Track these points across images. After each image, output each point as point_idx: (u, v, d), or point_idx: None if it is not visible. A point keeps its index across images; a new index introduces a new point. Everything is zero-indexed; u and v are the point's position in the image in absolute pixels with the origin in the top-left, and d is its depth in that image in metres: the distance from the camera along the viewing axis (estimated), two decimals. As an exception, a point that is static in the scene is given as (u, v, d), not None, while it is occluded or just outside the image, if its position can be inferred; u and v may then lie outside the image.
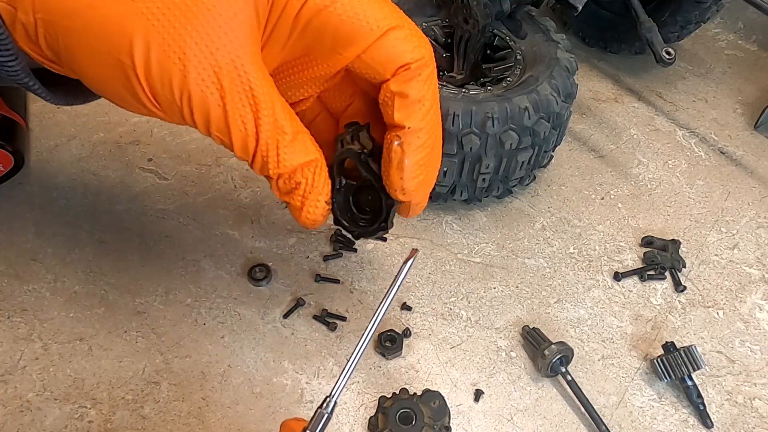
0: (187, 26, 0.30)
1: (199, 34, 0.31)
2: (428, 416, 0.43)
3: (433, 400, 0.44)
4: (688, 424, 0.47)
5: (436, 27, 0.59)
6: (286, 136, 0.34)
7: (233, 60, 0.32)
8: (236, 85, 0.32)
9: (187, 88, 0.31)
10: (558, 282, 0.54)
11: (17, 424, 0.44)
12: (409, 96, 0.35)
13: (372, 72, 0.35)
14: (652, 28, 0.58)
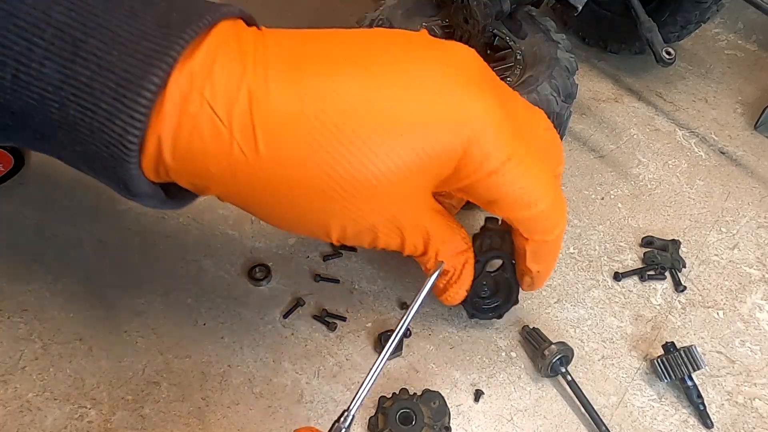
0: (375, 209, 0.34)
1: (386, 211, 0.35)
2: (428, 416, 0.43)
3: (433, 400, 0.44)
4: (688, 425, 0.47)
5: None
6: (446, 242, 0.40)
7: (413, 219, 0.37)
8: (415, 234, 0.38)
9: (376, 244, 0.37)
10: (558, 282, 0.54)
11: (17, 424, 0.44)
12: (541, 258, 0.42)
13: (516, 227, 0.40)
14: (652, 28, 0.58)
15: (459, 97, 0.33)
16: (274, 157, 0.31)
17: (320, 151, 0.31)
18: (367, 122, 0.31)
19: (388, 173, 0.32)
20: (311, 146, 0.31)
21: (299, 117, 0.31)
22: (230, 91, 0.30)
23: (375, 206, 0.34)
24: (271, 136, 0.31)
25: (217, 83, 0.30)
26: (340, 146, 0.31)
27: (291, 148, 0.31)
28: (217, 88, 0.30)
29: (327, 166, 0.32)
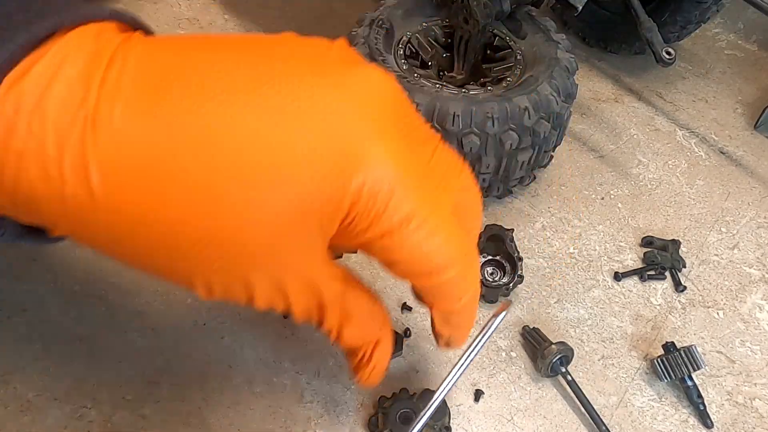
0: (252, 270, 0.28)
1: (264, 272, 0.28)
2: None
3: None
4: (688, 424, 0.47)
5: (436, 27, 0.59)
6: (351, 320, 0.34)
7: (300, 279, 0.30)
8: (303, 298, 0.31)
9: (253, 304, 0.30)
10: (558, 282, 0.54)
11: (17, 424, 0.44)
12: (452, 324, 0.35)
13: (418, 289, 0.35)
14: (652, 28, 0.58)
15: (357, 136, 0.27)
16: (113, 203, 0.25)
17: (168, 199, 0.25)
18: (230, 166, 0.25)
19: (254, 226, 0.26)
20: (157, 193, 0.25)
21: (147, 156, 0.25)
22: (64, 121, 0.24)
23: (244, 263, 0.28)
24: (109, 177, 0.25)
25: (50, 110, 0.24)
26: (194, 193, 0.25)
27: (133, 194, 0.25)
28: (50, 115, 0.24)
29: (177, 216, 0.25)
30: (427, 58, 0.58)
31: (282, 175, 0.25)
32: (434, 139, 0.32)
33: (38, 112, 0.24)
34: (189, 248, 0.26)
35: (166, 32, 0.73)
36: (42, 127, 0.24)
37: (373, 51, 0.53)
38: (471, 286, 0.34)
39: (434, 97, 0.50)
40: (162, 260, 0.27)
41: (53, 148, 0.24)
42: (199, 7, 0.76)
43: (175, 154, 0.25)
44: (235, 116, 0.25)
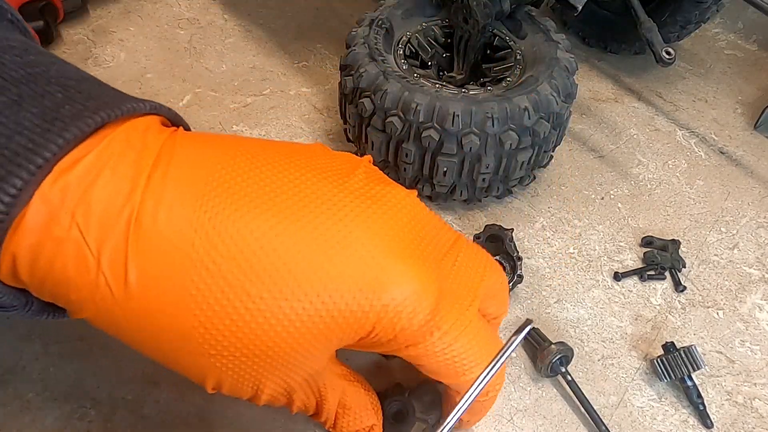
0: (265, 374, 0.29)
1: (275, 377, 0.30)
2: (420, 411, 0.43)
3: (426, 393, 0.44)
4: (688, 424, 0.47)
5: (436, 27, 0.59)
6: (348, 411, 0.35)
7: (307, 380, 0.31)
8: (305, 394, 0.33)
9: (257, 401, 0.32)
10: (558, 282, 0.54)
11: (17, 424, 0.44)
12: (473, 412, 0.38)
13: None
14: (652, 28, 0.58)
15: (381, 260, 0.28)
16: (145, 299, 0.26)
17: (201, 301, 0.26)
18: (264, 275, 0.27)
19: (280, 335, 0.27)
20: (191, 292, 0.26)
21: (184, 257, 0.26)
22: (109, 215, 0.25)
23: (260, 367, 0.29)
24: (146, 274, 0.26)
25: (95, 203, 0.25)
26: (228, 301, 0.26)
27: (166, 292, 0.26)
28: (94, 208, 0.25)
29: (208, 317, 0.27)
30: (427, 58, 0.59)
31: (313, 293, 0.27)
32: (457, 244, 0.34)
33: (83, 203, 0.25)
34: (211, 350, 0.28)
35: (166, 32, 0.73)
36: (86, 219, 0.25)
37: (373, 51, 0.53)
38: (497, 382, 0.36)
39: (434, 97, 0.50)
40: (182, 356, 0.29)
41: (95, 240, 0.25)
42: (199, 7, 0.76)
43: (214, 261, 0.26)
44: (276, 233, 0.27)
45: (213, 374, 0.29)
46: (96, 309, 0.27)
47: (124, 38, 0.72)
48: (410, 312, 0.29)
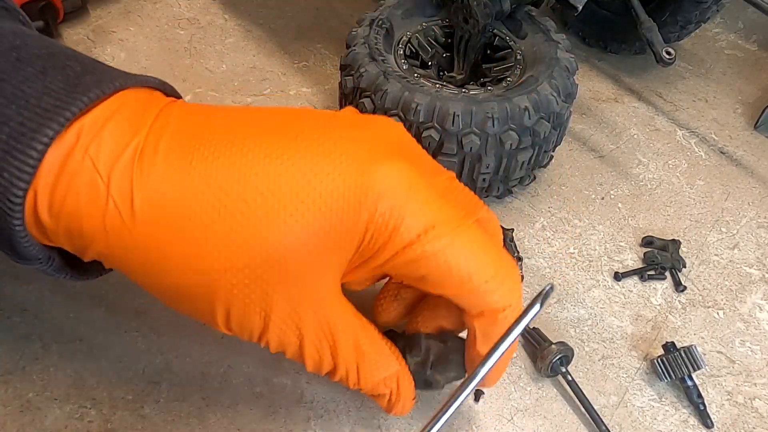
0: (272, 292, 0.30)
1: (282, 296, 0.30)
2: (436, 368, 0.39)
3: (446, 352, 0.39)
4: (689, 424, 0.47)
5: (436, 27, 0.59)
6: (366, 357, 0.34)
7: (315, 310, 0.32)
8: (315, 329, 0.32)
9: (266, 335, 0.33)
10: (558, 282, 0.54)
11: (17, 424, 0.43)
12: (493, 336, 0.34)
13: (457, 304, 0.34)
14: (652, 28, 0.58)
15: (368, 165, 0.30)
16: (151, 221, 0.29)
17: (204, 217, 0.29)
18: (259, 195, 0.29)
19: (281, 242, 0.29)
20: (190, 216, 0.29)
21: (184, 182, 0.29)
22: (117, 148, 0.28)
23: (266, 283, 0.30)
24: (150, 199, 0.28)
25: (106, 139, 0.28)
26: (228, 213, 0.29)
27: (170, 215, 0.29)
28: (104, 143, 0.28)
29: (206, 239, 0.29)
30: (427, 58, 0.59)
31: (308, 200, 0.29)
32: (448, 173, 0.34)
33: (95, 139, 0.28)
34: (216, 265, 0.29)
35: (166, 32, 0.73)
36: (97, 151, 0.28)
37: (373, 51, 0.53)
38: (512, 296, 0.33)
39: (434, 97, 0.50)
40: (190, 281, 0.30)
41: (104, 167, 0.28)
42: (198, 7, 0.76)
43: (210, 182, 0.29)
44: (266, 154, 0.29)
45: (221, 298, 0.30)
46: (106, 238, 0.29)
47: (124, 38, 0.72)
48: (401, 207, 0.30)
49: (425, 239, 0.30)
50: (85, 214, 0.29)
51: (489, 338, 0.34)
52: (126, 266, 0.31)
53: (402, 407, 0.38)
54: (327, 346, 0.33)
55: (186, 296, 0.32)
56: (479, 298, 0.33)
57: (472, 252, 0.31)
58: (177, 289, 0.31)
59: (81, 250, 0.31)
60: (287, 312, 0.31)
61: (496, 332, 0.33)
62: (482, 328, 0.34)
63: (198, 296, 0.31)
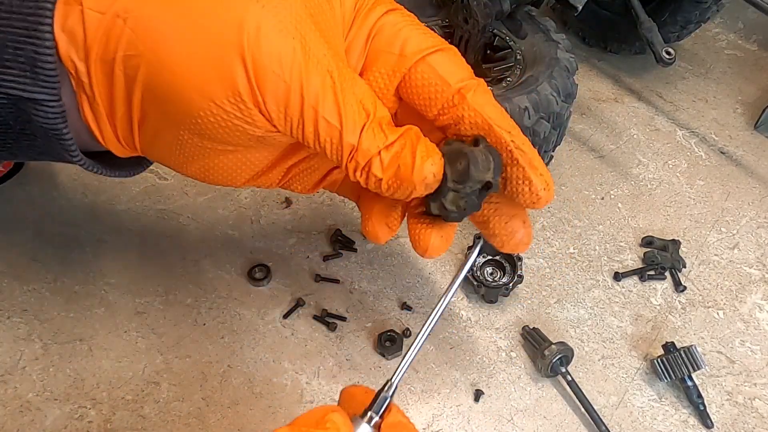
0: (305, 15, 0.34)
1: (316, 24, 0.34)
2: (452, 180, 0.37)
3: (459, 159, 0.37)
4: (688, 424, 0.47)
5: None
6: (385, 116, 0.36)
7: (340, 53, 0.35)
8: (346, 77, 0.34)
9: (306, 72, 0.33)
10: (558, 282, 0.54)
11: (17, 424, 0.44)
12: (487, 103, 0.37)
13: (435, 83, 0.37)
14: (652, 28, 0.58)
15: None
16: None
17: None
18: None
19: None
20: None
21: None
22: None
23: (302, 8, 0.34)
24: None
25: None
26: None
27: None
28: None
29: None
30: (427, 58, 0.58)
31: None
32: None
33: None
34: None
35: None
36: None
37: (373, 51, 0.53)
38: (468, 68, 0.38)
39: (434, 97, 0.50)
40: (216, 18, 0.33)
41: None
42: (199, 7, 0.76)
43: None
44: None
45: (253, 15, 0.32)
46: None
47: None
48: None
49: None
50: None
51: (487, 108, 0.37)
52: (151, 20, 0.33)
53: (425, 152, 0.36)
54: (358, 100, 0.35)
55: (209, 29, 0.33)
56: (445, 66, 0.37)
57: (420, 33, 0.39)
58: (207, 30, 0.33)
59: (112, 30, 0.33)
60: (321, 45, 0.34)
61: (486, 94, 0.38)
62: (476, 97, 0.37)
63: (226, 23, 0.32)
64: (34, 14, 0.31)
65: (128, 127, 0.36)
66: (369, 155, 0.35)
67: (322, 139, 0.35)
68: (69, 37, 0.33)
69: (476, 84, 0.37)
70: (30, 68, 0.32)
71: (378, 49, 0.38)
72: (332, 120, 0.34)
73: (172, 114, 0.35)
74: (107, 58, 0.33)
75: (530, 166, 0.36)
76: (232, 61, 0.33)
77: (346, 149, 0.35)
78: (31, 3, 0.31)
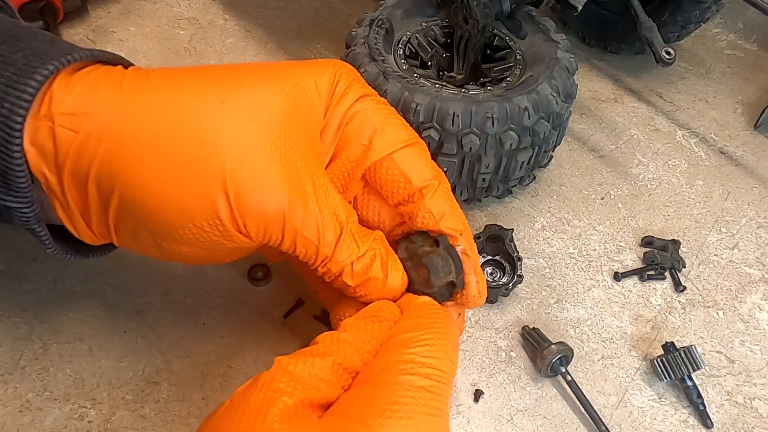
0: (282, 125, 0.35)
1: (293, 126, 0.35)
2: (419, 283, 0.41)
3: (421, 269, 0.40)
4: (688, 425, 0.47)
5: (436, 27, 0.59)
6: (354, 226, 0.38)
7: (317, 152, 0.37)
8: (323, 188, 0.36)
9: (289, 197, 0.34)
10: (558, 282, 0.54)
11: (17, 424, 0.44)
12: (444, 204, 0.40)
13: (397, 179, 0.39)
14: (652, 28, 0.58)
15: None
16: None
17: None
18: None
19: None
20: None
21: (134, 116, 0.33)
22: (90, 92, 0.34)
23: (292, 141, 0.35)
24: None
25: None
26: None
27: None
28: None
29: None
30: (427, 58, 0.58)
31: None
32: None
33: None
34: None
35: (166, 32, 0.73)
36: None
37: (373, 51, 0.53)
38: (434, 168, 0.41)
39: (434, 97, 0.50)
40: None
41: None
42: (198, 7, 0.76)
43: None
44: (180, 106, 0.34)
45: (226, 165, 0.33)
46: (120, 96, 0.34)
47: (124, 38, 0.72)
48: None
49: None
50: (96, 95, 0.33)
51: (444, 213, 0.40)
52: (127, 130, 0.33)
53: (396, 268, 0.39)
54: (335, 218, 0.37)
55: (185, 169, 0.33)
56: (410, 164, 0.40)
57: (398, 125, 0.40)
58: (179, 154, 0.33)
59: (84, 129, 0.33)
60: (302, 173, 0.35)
61: (441, 201, 0.41)
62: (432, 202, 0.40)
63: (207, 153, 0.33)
64: (3, 130, 0.32)
65: (105, 229, 0.36)
66: (341, 266, 0.37)
67: (298, 251, 0.36)
68: (39, 151, 0.33)
69: (437, 185, 0.39)
70: (2, 179, 0.33)
71: (348, 138, 0.39)
72: (312, 237, 0.36)
73: (149, 227, 0.35)
74: (80, 173, 0.33)
75: (474, 271, 0.40)
76: (214, 190, 0.33)
77: (320, 259, 0.37)
78: (1, 118, 0.31)
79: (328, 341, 0.34)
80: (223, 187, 0.33)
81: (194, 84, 0.35)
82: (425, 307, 0.37)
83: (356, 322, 0.35)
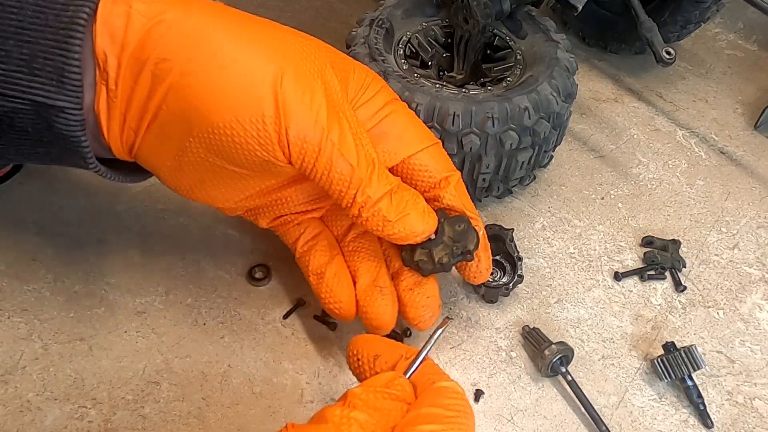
0: (329, 67, 0.39)
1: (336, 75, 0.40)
2: (449, 236, 0.43)
3: (459, 223, 0.44)
4: (688, 424, 0.47)
5: (436, 27, 0.59)
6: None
7: (356, 121, 0.40)
8: (359, 124, 0.39)
9: (331, 110, 0.37)
10: (558, 282, 0.54)
11: (17, 424, 0.44)
12: (463, 193, 0.44)
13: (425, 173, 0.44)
14: (652, 28, 0.58)
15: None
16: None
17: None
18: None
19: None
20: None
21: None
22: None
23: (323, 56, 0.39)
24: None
25: None
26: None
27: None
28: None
29: None
30: (427, 58, 0.58)
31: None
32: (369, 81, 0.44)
33: None
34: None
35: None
36: None
37: (373, 51, 0.53)
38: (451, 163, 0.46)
39: (434, 97, 0.50)
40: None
41: None
42: (199, 7, 0.76)
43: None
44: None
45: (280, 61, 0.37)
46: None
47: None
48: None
49: None
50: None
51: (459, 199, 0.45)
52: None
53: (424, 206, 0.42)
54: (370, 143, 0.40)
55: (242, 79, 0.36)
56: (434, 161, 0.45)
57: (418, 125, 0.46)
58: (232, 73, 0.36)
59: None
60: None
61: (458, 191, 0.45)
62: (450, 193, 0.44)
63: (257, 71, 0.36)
64: (67, 28, 0.33)
65: (138, 122, 0.37)
66: (380, 193, 0.39)
67: (333, 173, 0.38)
68: (109, 31, 0.34)
69: (458, 176, 0.45)
70: (57, 77, 0.34)
71: (385, 132, 0.43)
72: (349, 157, 0.37)
73: (189, 119, 0.36)
74: (141, 57, 0.35)
75: (484, 248, 0.45)
76: (265, 89, 0.35)
77: (355, 185, 0.38)
78: (66, 18, 0.33)
79: (337, 419, 0.31)
80: (273, 91, 0.35)
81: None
82: (446, 394, 0.33)
83: (367, 395, 0.33)
